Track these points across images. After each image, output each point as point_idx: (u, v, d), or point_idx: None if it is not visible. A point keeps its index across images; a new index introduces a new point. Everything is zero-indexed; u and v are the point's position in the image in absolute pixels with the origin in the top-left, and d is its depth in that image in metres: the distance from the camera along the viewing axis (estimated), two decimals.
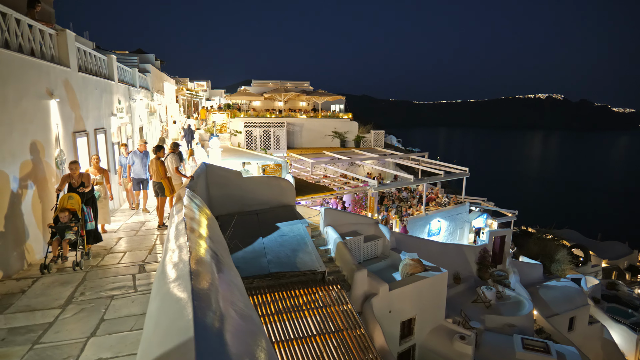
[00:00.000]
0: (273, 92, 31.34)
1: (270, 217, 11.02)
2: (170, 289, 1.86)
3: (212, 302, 1.74)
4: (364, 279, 10.99)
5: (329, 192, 15.97)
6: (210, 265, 2.30)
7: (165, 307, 1.75)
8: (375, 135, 30.07)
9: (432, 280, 12.24)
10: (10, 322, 4.19)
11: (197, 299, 1.66)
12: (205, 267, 2.20)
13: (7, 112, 5.00)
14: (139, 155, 9.56)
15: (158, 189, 8.69)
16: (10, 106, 5.03)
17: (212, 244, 3.15)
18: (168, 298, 1.77)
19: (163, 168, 8.67)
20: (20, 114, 5.33)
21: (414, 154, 26.44)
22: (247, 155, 15.64)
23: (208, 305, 1.67)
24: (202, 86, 43.87)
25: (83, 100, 7.98)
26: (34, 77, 5.84)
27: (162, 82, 22.88)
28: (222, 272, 2.47)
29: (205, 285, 1.91)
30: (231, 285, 2.37)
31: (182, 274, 1.96)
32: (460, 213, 22.13)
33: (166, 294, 1.84)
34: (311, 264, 7.74)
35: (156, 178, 8.64)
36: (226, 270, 2.76)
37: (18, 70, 5.37)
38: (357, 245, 13.76)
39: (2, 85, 4.88)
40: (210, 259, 2.48)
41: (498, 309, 16.82)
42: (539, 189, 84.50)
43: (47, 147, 6.28)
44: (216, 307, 1.72)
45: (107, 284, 5.21)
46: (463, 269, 19.24)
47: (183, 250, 2.31)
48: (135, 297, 4.70)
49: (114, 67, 10.68)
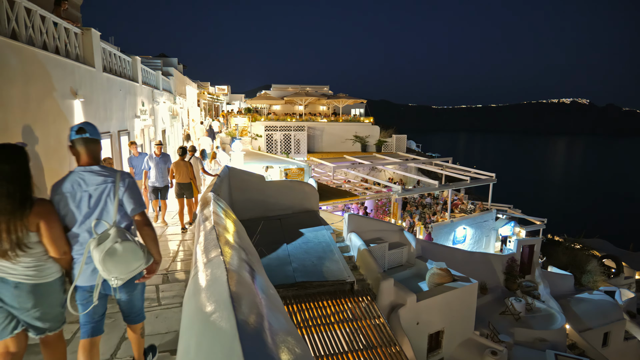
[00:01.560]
0: (294, 96, 31.18)
1: (293, 223, 10.70)
2: (209, 319, 1.50)
3: (261, 334, 1.42)
4: (390, 289, 10.54)
5: (351, 197, 15.56)
6: (250, 286, 1.95)
7: (205, 344, 1.40)
8: (397, 140, 29.53)
9: (462, 291, 11.68)
10: None
11: (243, 334, 1.32)
12: (246, 288, 1.84)
13: (30, 111, 4.81)
14: (155, 160, 8.20)
15: (185, 190, 8.54)
16: (33, 106, 4.85)
17: (246, 256, 2.79)
18: (208, 332, 1.42)
19: (191, 169, 8.64)
20: (44, 113, 5.15)
21: (437, 159, 25.78)
22: (268, 159, 15.41)
23: (256, 338, 1.34)
24: (223, 90, 44.17)
25: (107, 101, 7.85)
26: (58, 75, 5.67)
27: (185, 85, 22.97)
28: (264, 292, 2.10)
29: (250, 313, 1.56)
30: (272, 307, 2.00)
31: (221, 301, 1.59)
32: (487, 220, 21.38)
33: (204, 326, 1.49)
34: (339, 273, 7.36)
35: (184, 179, 8.51)
36: (264, 286, 2.40)
37: (42, 69, 5.20)
38: (381, 252, 13.31)
39: (25, 83, 4.70)
40: (249, 276, 2.14)
41: (528, 322, 16.05)
42: (565, 196, 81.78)
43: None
44: (265, 338, 1.40)
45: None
46: (490, 279, 18.52)
47: (219, 269, 1.94)
48: (160, 312, 4.34)
49: (138, 69, 10.60)
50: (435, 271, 12.15)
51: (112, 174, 2.79)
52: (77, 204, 2.68)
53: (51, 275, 2.60)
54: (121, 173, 2.85)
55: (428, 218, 19.87)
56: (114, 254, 2.57)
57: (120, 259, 2.59)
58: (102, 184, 2.73)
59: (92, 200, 2.70)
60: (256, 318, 1.54)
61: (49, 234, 2.51)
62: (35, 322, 2.57)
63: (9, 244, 2.38)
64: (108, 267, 2.58)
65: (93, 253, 2.57)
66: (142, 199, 2.94)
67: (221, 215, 3.84)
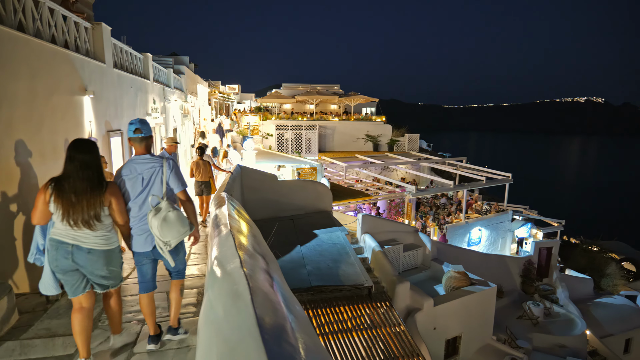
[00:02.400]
0: (305, 94, 30.92)
1: (306, 224, 10.42)
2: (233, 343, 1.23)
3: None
4: (406, 293, 10.21)
5: (364, 197, 15.23)
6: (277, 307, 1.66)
7: None
8: (410, 139, 29.07)
9: (480, 296, 11.29)
10: (27, 352, 3.45)
11: None
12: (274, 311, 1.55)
13: (37, 108, 4.58)
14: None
15: (204, 188, 8.91)
16: (40, 102, 4.63)
17: (267, 264, 2.51)
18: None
19: (209, 167, 8.95)
20: (51, 110, 4.92)
21: (451, 159, 25.29)
22: (280, 158, 15.16)
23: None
24: (234, 89, 44.10)
25: (118, 98, 7.65)
26: (67, 71, 5.46)
27: (196, 84, 22.85)
28: (289, 311, 1.81)
29: (281, 343, 1.28)
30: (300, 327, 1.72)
31: (247, 328, 1.31)
32: (502, 222, 20.87)
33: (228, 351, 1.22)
34: (356, 277, 7.06)
35: (204, 178, 8.85)
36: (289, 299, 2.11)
37: (50, 63, 4.97)
38: (396, 254, 12.97)
39: (32, 78, 4.47)
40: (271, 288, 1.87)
41: (547, 327, 15.54)
42: (580, 197, 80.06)
43: None
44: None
45: (138, 304, 4.05)
46: (506, 282, 18.04)
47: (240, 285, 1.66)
48: None
49: (149, 66, 10.41)
50: (452, 274, 11.79)
51: (159, 160, 3.46)
52: (132, 184, 3.36)
53: (114, 243, 3.26)
54: (167, 159, 3.50)
55: (442, 219, 19.45)
56: (168, 220, 3.25)
57: (173, 225, 3.26)
58: (152, 168, 3.41)
59: (144, 181, 3.38)
60: (288, 348, 1.25)
61: (118, 207, 3.23)
62: (102, 280, 3.23)
63: (89, 216, 3.04)
64: (164, 232, 3.24)
65: (152, 221, 3.23)
66: (184, 180, 3.62)
67: (236, 218, 3.56)
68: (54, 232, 3.06)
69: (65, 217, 3.00)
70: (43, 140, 4.66)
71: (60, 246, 3.03)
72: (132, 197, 3.37)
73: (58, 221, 3.03)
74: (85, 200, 3.01)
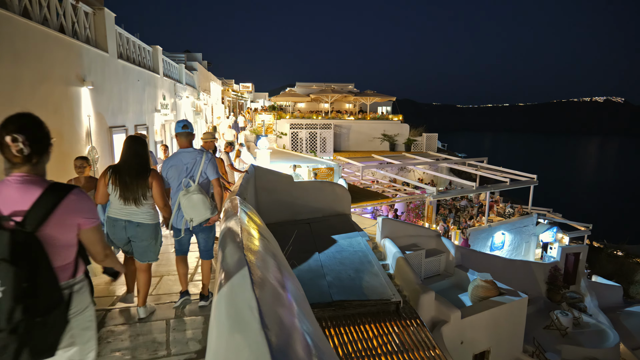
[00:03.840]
0: (320, 93, 30.24)
1: (324, 228, 9.76)
2: None
3: None
4: (430, 303, 9.49)
5: (383, 199, 14.49)
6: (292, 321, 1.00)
7: None
8: (428, 139, 28.15)
9: (510, 307, 10.49)
10: None
11: None
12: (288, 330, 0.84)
13: (20, 97, 3.98)
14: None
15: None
16: (24, 90, 4.03)
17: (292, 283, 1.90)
18: None
19: (222, 164, 8.35)
20: (40, 100, 4.33)
21: (471, 159, 24.32)
22: (295, 158, 14.51)
23: None
24: (248, 88, 43.66)
25: (123, 91, 7.06)
26: (61, 57, 4.86)
27: (209, 81, 22.38)
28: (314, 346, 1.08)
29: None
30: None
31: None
32: (527, 225, 19.89)
33: None
34: (382, 289, 6.35)
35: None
36: (312, 334, 1.43)
37: (39, 47, 4.36)
38: (417, 260, 12.23)
39: (14, 62, 3.85)
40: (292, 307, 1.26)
41: (576, 339, 14.57)
42: (602, 199, 77.44)
43: (76, 143, 5.28)
44: None
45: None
46: (531, 289, 17.10)
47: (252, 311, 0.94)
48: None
49: (159, 60, 9.84)
50: (479, 283, 10.99)
51: (200, 153, 4.14)
52: (178, 172, 4.04)
53: (157, 219, 3.94)
54: (206, 152, 4.18)
55: (464, 222, 18.59)
56: (192, 200, 3.89)
57: (196, 205, 3.89)
58: (193, 159, 4.08)
59: (187, 170, 4.04)
60: None
61: (157, 190, 3.80)
62: (144, 251, 3.87)
63: (138, 195, 3.70)
64: (187, 210, 3.91)
65: (180, 199, 3.92)
66: (218, 170, 4.29)
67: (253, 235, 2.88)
68: (110, 212, 3.79)
69: (122, 195, 3.67)
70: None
71: (116, 223, 3.77)
72: (176, 184, 4.09)
73: (115, 200, 3.72)
74: (136, 182, 3.68)
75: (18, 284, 1.65)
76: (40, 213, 1.79)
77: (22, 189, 1.81)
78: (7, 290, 1.63)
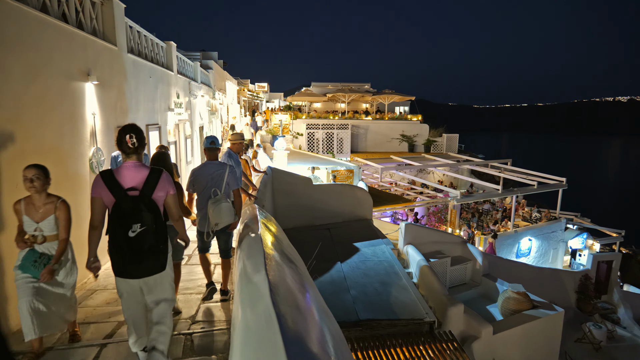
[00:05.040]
0: (337, 92, 29.64)
1: (344, 234, 9.18)
2: None
3: None
4: (459, 317, 8.79)
5: (404, 202, 13.81)
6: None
7: None
8: (448, 139, 27.24)
9: (545, 322, 9.72)
10: None
11: None
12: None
13: (11, 90, 3.46)
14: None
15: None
16: (15, 82, 3.52)
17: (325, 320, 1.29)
18: None
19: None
20: (36, 96, 3.84)
21: (494, 161, 23.36)
22: (313, 159, 13.93)
23: None
24: (263, 87, 43.34)
25: (133, 88, 6.60)
26: (61, 48, 4.37)
27: (225, 80, 22.01)
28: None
29: None
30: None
31: None
32: (555, 231, 18.91)
33: None
34: (413, 307, 5.74)
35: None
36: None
37: (34, 35, 3.88)
38: (442, 269, 11.53)
39: (1, 50, 3.35)
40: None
41: (611, 353, 13.64)
42: (627, 202, 74.56)
43: (79, 144, 4.79)
44: None
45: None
46: (559, 299, 16.14)
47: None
48: None
49: (173, 56, 9.40)
50: (510, 295, 10.23)
51: (224, 166, 4.64)
52: (205, 182, 4.51)
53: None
54: (229, 166, 4.68)
55: (487, 227, 17.74)
56: (220, 208, 4.28)
57: (222, 212, 4.28)
58: (217, 171, 4.57)
59: (212, 180, 4.50)
60: None
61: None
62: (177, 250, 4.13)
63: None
64: (215, 215, 4.30)
65: (209, 206, 4.32)
66: (239, 180, 5.00)
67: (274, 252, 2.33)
68: None
69: None
70: (25, 137, 3.60)
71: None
72: (200, 190, 4.51)
73: None
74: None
75: (150, 225, 2.85)
76: (151, 185, 2.94)
77: (136, 171, 2.93)
78: (146, 229, 2.83)
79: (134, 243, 2.78)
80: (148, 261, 2.88)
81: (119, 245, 2.80)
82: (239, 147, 6.53)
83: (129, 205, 2.79)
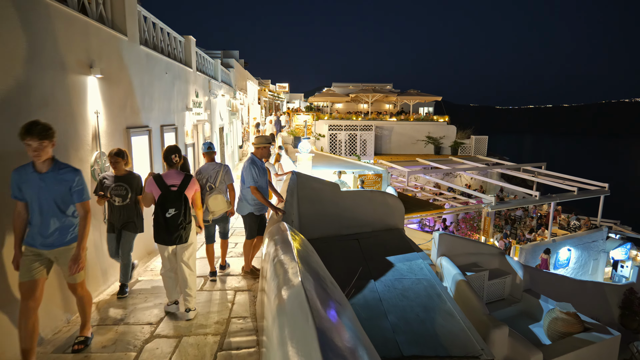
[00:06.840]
0: (360, 92, 28.76)
1: (375, 245, 8.37)
2: None
3: None
4: (503, 340, 7.92)
5: (436, 209, 12.87)
6: None
7: None
8: (477, 142, 26.00)
9: (600, 347, 8.68)
10: None
11: None
12: None
13: None
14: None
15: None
16: None
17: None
18: None
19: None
20: (23, 89, 3.17)
21: (527, 165, 22.06)
22: (339, 163, 13.11)
23: None
24: (284, 88, 42.81)
25: (146, 85, 5.96)
26: (55, 34, 3.69)
27: (246, 80, 21.45)
28: None
29: None
30: None
31: None
32: (596, 241, 17.57)
33: None
34: (464, 339, 4.90)
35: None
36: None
37: (19, 16, 3.19)
38: (479, 283, 10.61)
39: None
40: None
41: None
42: None
43: (78, 148, 4.15)
44: None
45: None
46: (601, 314, 14.90)
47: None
48: None
49: (192, 52, 8.77)
50: (558, 315, 9.22)
51: (219, 165, 5.47)
52: (206, 179, 5.35)
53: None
54: (224, 165, 5.53)
55: (522, 236, 16.59)
56: (216, 199, 5.26)
57: (218, 203, 5.27)
58: (214, 170, 5.41)
59: (211, 178, 5.37)
60: None
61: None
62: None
63: None
64: (212, 205, 5.26)
65: (206, 197, 5.23)
66: (233, 176, 5.63)
67: (311, 282, 1.57)
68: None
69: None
70: (4, 139, 2.95)
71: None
72: (201, 188, 5.12)
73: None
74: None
75: (180, 209, 4.23)
76: (185, 185, 4.32)
77: (176, 176, 4.34)
78: (178, 212, 4.22)
79: (169, 221, 4.14)
80: (177, 234, 4.18)
81: (159, 222, 4.16)
82: (263, 152, 5.57)
83: (170, 196, 4.16)
